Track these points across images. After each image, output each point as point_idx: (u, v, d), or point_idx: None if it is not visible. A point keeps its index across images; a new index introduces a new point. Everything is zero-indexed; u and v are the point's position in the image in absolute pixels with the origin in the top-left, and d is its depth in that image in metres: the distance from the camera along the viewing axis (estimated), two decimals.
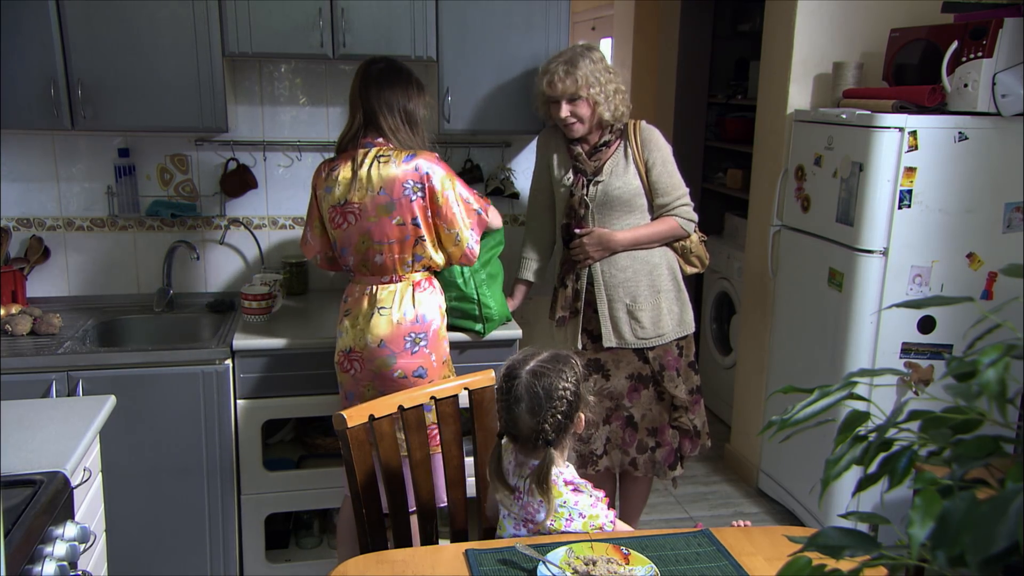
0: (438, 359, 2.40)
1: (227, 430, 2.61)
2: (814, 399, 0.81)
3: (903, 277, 2.89)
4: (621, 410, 2.69)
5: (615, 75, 2.58)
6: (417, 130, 2.38)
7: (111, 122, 2.66)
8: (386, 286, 2.37)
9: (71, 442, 1.74)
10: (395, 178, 2.29)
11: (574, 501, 1.68)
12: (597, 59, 2.55)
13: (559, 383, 1.68)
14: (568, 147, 2.66)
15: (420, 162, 2.31)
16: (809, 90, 3.31)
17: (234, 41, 2.65)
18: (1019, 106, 2.76)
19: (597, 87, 2.52)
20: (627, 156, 2.61)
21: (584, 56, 2.53)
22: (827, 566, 0.72)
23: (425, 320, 2.36)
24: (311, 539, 2.92)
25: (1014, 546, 0.56)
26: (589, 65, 2.51)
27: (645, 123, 2.67)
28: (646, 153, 2.60)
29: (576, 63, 2.51)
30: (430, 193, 2.32)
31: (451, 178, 2.36)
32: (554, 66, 2.53)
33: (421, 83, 2.41)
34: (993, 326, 0.71)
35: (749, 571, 1.57)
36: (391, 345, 2.33)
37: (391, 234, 2.32)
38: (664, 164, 2.61)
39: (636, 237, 2.61)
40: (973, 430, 0.68)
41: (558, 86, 2.51)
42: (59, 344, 2.57)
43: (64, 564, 1.49)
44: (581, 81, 2.50)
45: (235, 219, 3.11)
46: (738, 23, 4.89)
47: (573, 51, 2.56)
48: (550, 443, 1.68)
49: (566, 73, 2.50)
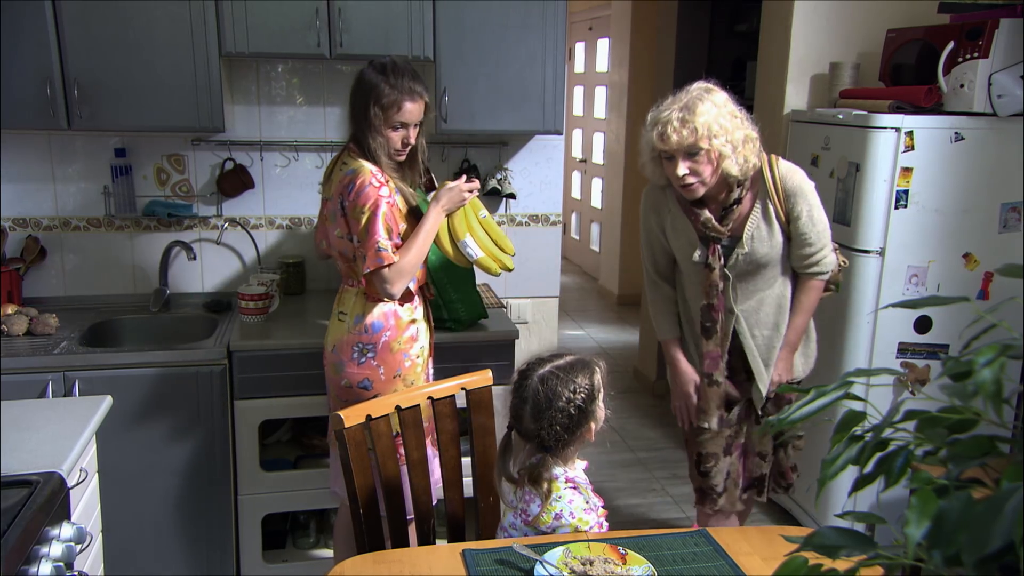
0: (387, 373, 2.28)
1: (224, 430, 2.61)
2: (810, 399, 0.81)
3: (900, 277, 2.89)
4: (739, 438, 2.40)
5: (743, 120, 2.13)
6: (364, 144, 2.21)
7: (108, 122, 2.66)
8: (349, 289, 2.33)
9: (67, 442, 1.74)
10: (337, 190, 2.23)
11: (568, 499, 1.69)
12: (720, 103, 2.10)
13: (564, 393, 1.68)
14: (688, 209, 2.23)
15: (352, 178, 2.18)
16: (806, 90, 3.31)
17: (231, 41, 2.65)
18: (1015, 106, 2.77)
19: (722, 137, 2.07)
20: (767, 212, 2.19)
21: (704, 100, 2.08)
22: (823, 566, 0.72)
23: (374, 330, 2.26)
24: (308, 539, 2.91)
25: (1010, 545, 0.56)
26: (712, 110, 2.06)
27: (784, 163, 2.20)
28: (790, 204, 2.17)
29: (695, 109, 2.06)
30: (348, 211, 2.20)
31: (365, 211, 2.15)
32: (667, 114, 2.08)
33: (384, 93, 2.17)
34: (989, 326, 0.72)
35: (746, 571, 1.57)
36: (340, 352, 2.29)
37: (336, 244, 2.29)
38: (811, 212, 2.18)
39: (799, 333, 2.32)
40: (969, 430, 0.68)
41: (672, 138, 2.06)
42: (55, 344, 2.56)
43: (60, 565, 1.48)
44: (702, 131, 2.05)
45: (232, 219, 3.11)
46: (735, 23, 4.90)
47: (690, 94, 2.11)
48: (547, 449, 1.69)
49: (682, 122, 2.05)
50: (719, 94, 2.12)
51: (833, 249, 2.29)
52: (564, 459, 1.73)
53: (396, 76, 2.19)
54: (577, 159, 7.92)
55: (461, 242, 2.33)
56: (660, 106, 2.12)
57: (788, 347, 2.31)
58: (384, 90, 2.17)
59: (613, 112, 6.72)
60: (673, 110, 2.07)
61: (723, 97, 2.12)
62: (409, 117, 2.21)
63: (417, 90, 2.21)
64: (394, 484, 1.98)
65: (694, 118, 2.04)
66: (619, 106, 6.52)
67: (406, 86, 2.19)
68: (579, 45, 7.76)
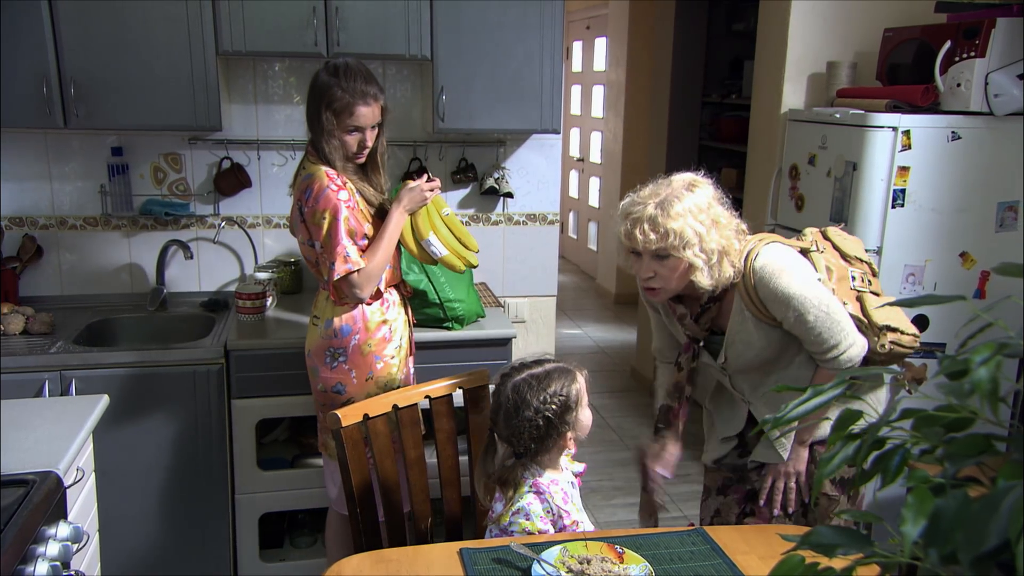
0: (360, 376, 2.26)
1: (221, 430, 2.61)
2: (807, 397, 0.81)
3: (897, 276, 2.90)
4: (745, 483, 2.11)
5: (725, 227, 1.81)
6: (319, 148, 2.16)
7: (104, 121, 2.65)
8: (321, 292, 2.31)
9: (64, 442, 1.73)
10: (296, 196, 2.22)
11: (527, 502, 1.69)
12: (702, 204, 1.78)
13: (534, 403, 1.67)
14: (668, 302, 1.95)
15: (310, 183, 2.15)
16: (803, 89, 3.31)
17: (228, 39, 2.64)
18: (1012, 105, 2.77)
19: (696, 247, 1.76)
20: (746, 314, 1.87)
21: (682, 199, 1.77)
22: (820, 564, 0.72)
23: (343, 334, 2.23)
24: (305, 538, 2.91)
25: (1005, 543, 0.57)
26: (688, 215, 1.76)
27: (761, 266, 1.83)
28: (772, 312, 1.84)
29: (669, 210, 1.75)
30: (308, 217, 2.17)
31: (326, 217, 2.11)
32: (640, 210, 1.78)
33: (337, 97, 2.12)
34: (985, 325, 0.72)
35: (743, 569, 1.57)
36: (315, 358, 2.28)
37: (301, 250, 2.32)
38: (801, 317, 1.81)
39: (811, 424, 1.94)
40: (965, 428, 0.68)
41: (639, 239, 1.76)
42: (52, 343, 2.56)
43: (57, 564, 1.48)
44: (672, 238, 1.75)
45: (229, 218, 3.10)
46: (732, 23, 4.90)
47: (670, 188, 1.80)
48: (518, 456, 1.71)
49: (653, 224, 1.75)
50: (702, 192, 1.81)
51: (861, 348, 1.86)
52: (543, 464, 1.73)
53: (348, 79, 2.12)
54: (575, 158, 7.92)
55: (425, 241, 2.31)
56: (636, 195, 1.83)
57: (798, 440, 1.95)
58: (336, 93, 2.11)
59: (611, 111, 6.72)
60: (648, 205, 1.77)
61: (706, 197, 1.80)
62: (363, 121, 2.15)
63: (371, 92, 2.14)
64: (392, 483, 1.98)
65: (666, 221, 1.74)
66: (617, 105, 6.52)
67: (358, 89, 2.12)
68: (576, 44, 7.76)
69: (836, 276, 1.94)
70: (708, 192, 1.82)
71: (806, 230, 2.05)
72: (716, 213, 1.80)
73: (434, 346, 2.67)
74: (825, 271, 1.91)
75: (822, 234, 2.04)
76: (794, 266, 1.84)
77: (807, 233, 2.03)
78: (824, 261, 1.94)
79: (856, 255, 2.01)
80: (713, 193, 1.83)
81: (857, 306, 1.92)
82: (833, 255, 1.99)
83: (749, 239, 1.88)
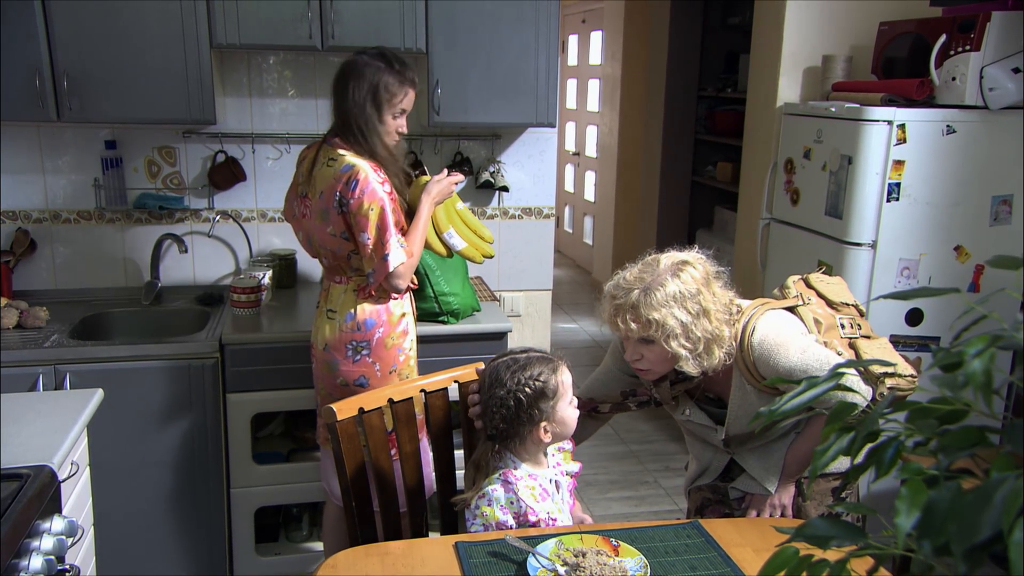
0: (383, 369, 2.27)
1: (216, 424, 2.60)
2: (802, 390, 0.81)
3: (891, 270, 2.90)
4: (724, 506, 2.02)
5: (714, 312, 1.72)
6: (367, 136, 2.17)
7: (98, 114, 2.64)
8: (338, 285, 2.29)
9: (58, 436, 1.73)
10: (330, 187, 2.16)
11: (492, 488, 1.69)
12: (690, 290, 1.69)
13: (508, 382, 1.68)
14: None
15: (353, 175, 2.12)
16: (798, 83, 3.32)
17: (222, 32, 2.63)
18: (1007, 99, 2.78)
19: (680, 338, 1.69)
20: (748, 388, 1.81)
21: (667, 284, 1.68)
22: (814, 556, 0.72)
23: (366, 328, 2.24)
24: (301, 532, 2.91)
25: (998, 535, 0.57)
26: (673, 302, 1.67)
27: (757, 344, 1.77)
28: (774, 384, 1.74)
29: (651, 299, 1.67)
30: (353, 209, 2.14)
31: (374, 209, 2.12)
32: (623, 295, 1.71)
33: (392, 83, 2.16)
34: (979, 317, 0.72)
35: (738, 562, 1.58)
36: (334, 351, 2.27)
37: (327, 242, 2.25)
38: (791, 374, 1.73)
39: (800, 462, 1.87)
40: (959, 421, 0.69)
41: (620, 327, 1.72)
42: (46, 337, 2.55)
43: (51, 558, 1.48)
44: (654, 329, 1.68)
45: (224, 212, 3.09)
46: (728, 16, 4.90)
47: (657, 270, 1.71)
48: (490, 437, 1.73)
49: (635, 314, 1.68)
50: (690, 276, 1.71)
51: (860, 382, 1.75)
52: (520, 456, 1.73)
53: (400, 64, 2.20)
54: (570, 152, 7.91)
55: (446, 233, 2.37)
56: (622, 277, 1.75)
57: (787, 476, 1.89)
58: (388, 78, 2.17)
59: (606, 105, 6.71)
60: (632, 292, 1.69)
61: (694, 281, 1.71)
62: (409, 104, 2.24)
63: (416, 79, 2.25)
64: (387, 477, 1.98)
65: (648, 312, 1.67)
66: (612, 99, 6.51)
67: (410, 76, 2.21)
68: (572, 38, 7.74)
69: (825, 327, 1.89)
70: (698, 273, 1.73)
71: (788, 281, 1.99)
72: (704, 300, 1.70)
73: (429, 340, 2.67)
74: (814, 324, 1.87)
75: (805, 282, 1.99)
76: (791, 337, 1.78)
77: (790, 286, 1.98)
78: (811, 314, 1.89)
79: (842, 300, 1.97)
80: (704, 272, 1.75)
81: (851, 354, 1.87)
82: (819, 304, 1.95)
83: (744, 310, 1.82)
